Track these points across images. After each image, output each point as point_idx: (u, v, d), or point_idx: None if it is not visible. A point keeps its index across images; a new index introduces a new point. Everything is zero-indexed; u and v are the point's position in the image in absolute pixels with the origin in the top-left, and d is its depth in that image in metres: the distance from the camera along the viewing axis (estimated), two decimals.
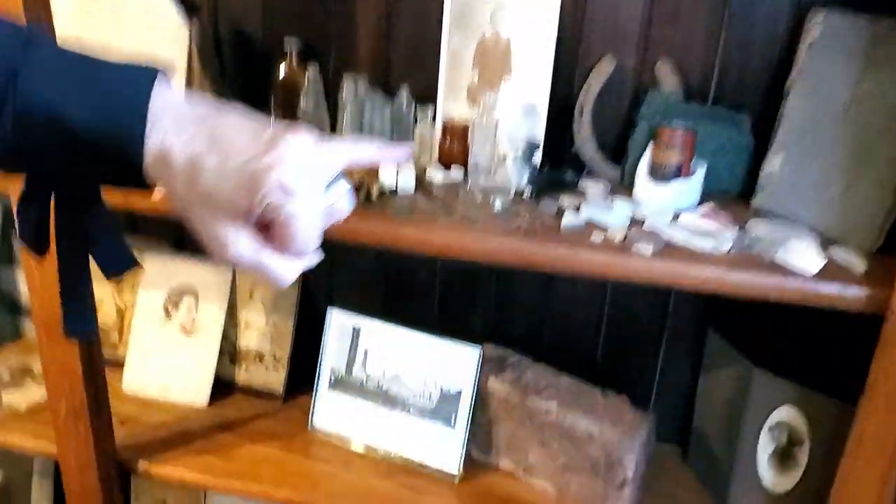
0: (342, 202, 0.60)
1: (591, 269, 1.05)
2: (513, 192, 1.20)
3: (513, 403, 1.36)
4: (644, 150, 1.22)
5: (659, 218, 1.13)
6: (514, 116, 1.26)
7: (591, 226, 1.11)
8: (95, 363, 1.29)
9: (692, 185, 1.19)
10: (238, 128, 0.57)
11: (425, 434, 1.40)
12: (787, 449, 1.26)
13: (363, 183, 1.16)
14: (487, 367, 1.40)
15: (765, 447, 1.27)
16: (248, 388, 1.59)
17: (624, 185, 1.28)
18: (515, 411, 1.36)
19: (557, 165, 1.31)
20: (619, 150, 1.32)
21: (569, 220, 1.10)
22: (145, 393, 1.56)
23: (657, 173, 1.18)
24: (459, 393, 1.37)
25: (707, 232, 1.10)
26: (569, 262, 1.05)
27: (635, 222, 1.13)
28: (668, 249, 1.05)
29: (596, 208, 1.13)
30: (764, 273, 1.00)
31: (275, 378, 1.57)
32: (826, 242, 1.09)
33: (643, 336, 1.50)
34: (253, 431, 1.49)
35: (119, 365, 1.59)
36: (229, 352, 1.59)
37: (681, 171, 1.17)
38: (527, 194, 1.21)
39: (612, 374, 1.52)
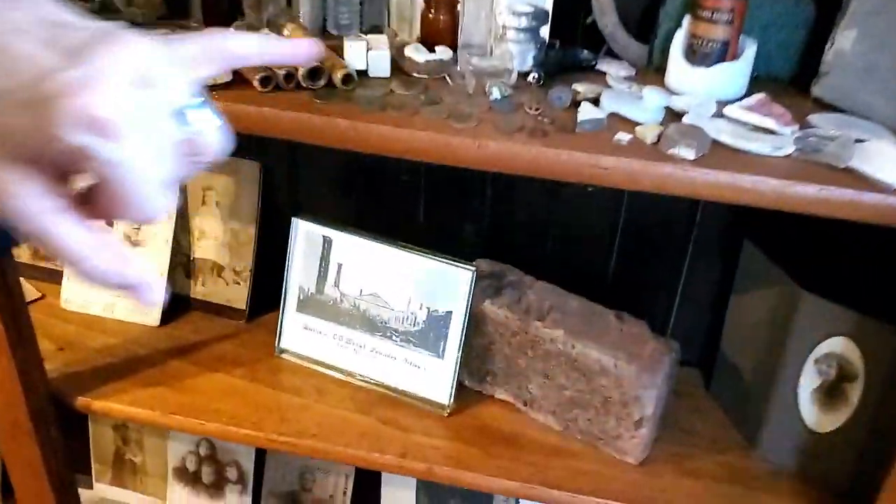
0: (208, 134, 0.40)
1: (617, 179, 0.83)
2: (514, 76, 0.96)
3: (512, 330, 1.16)
4: (679, 23, 0.98)
5: (700, 111, 0.89)
6: None
7: (614, 121, 0.88)
8: (13, 291, 1.07)
9: (740, 70, 0.95)
10: (29, 25, 0.36)
11: (410, 361, 1.21)
12: (836, 384, 1.06)
13: (323, 66, 0.91)
14: (482, 287, 1.19)
15: (809, 381, 1.08)
16: (207, 305, 1.38)
17: (652, 69, 1.04)
18: (515, 339, 1.16)
19: (570, 42, 1.05)
20: (647, 23, 1.06)
21: (587, 114, 0.86)
22: (88, 310, 1.36)
23: (696, 54, 0.94)
24: (449, 315, 1.17)
25: (760, 130, 0.87)
26: (587, 171, 0.83)
27: (670, 117, 0.89)
28: (714, 153, 0.83)
29: (621, 99, 0.90)
30: (834, 185, 0.79)
31: (236, 293, 1.37)
32: None
33: (665, 246, 1.28)
34: (211, 356, 1.29)
35: (58, 278, 1.38)
36: (183, 264, 1.38)
37: (726, 52, 0.93)
38: (532, 79, 0.96)
39: (627, 289, 1.32)
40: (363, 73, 0.96)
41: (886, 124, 0.89)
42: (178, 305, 1.38)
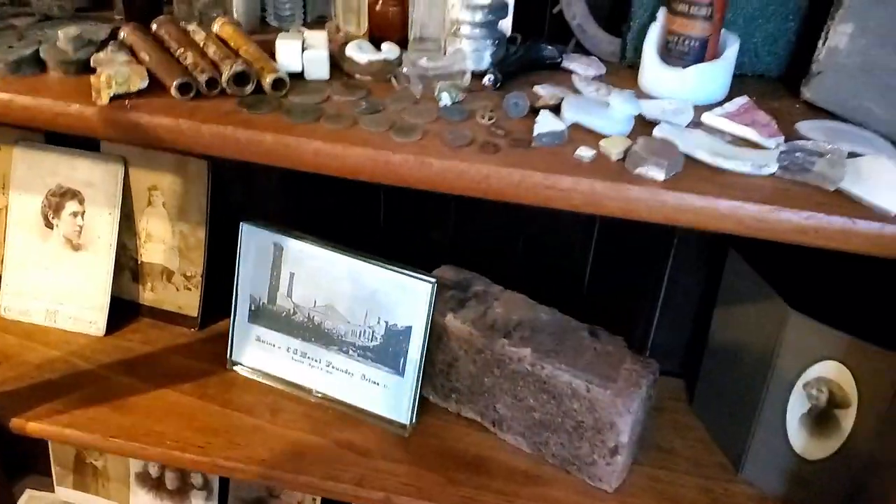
0: None
1: (577, 202, 0.73)
2: (468, 78, 0.86)
3: (476, 347, 1.06)
4: (653, 15, 0.87)
5: (674, 119, 0.79)
6: None
7: (577, 132, 0.78)
8: None
9: (720, 71, 0.84)
10: None
11: (368, 377, 1.12)
12: (827, 410, 0.97)
13: (250, 70, 0.81)
14: (445, 298, 1.10)
15: (798, 406, 0.99)
16: (157, 312, 1.29)
17: (625, 66, 0.93)
18: (479, 356, 1.07)
19: (535, 35, 0.94)
20: (619, 14, 0.95)
21: (545, 125, 0.76)
22: (29, 319, 1.27)
23: (671, 53, 0.84)
24: (409, 330, 1.07)
25: (742, 142, 0.77)
26: (543, 192, 0.73)
27: (640, 127, 0.79)
28: (688, 172, 0.73)
29: (584, 106, 0.79)
30: (823, 211, 0.69)
31: (187, 300, 1.27)
32: None
33: (645, 248, 1.18)
34: (159, 370, 1.20)
35: None
36: (130, 268, 1.28)
37: (705, 51, 0.82)
38: (488, 82, 0.86)
39: (606, 292, 1.22)
40: (299, 76, 0.85)
41: (886, 133, 0.79)
42: (126, 312, 1.29)
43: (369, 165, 0.75)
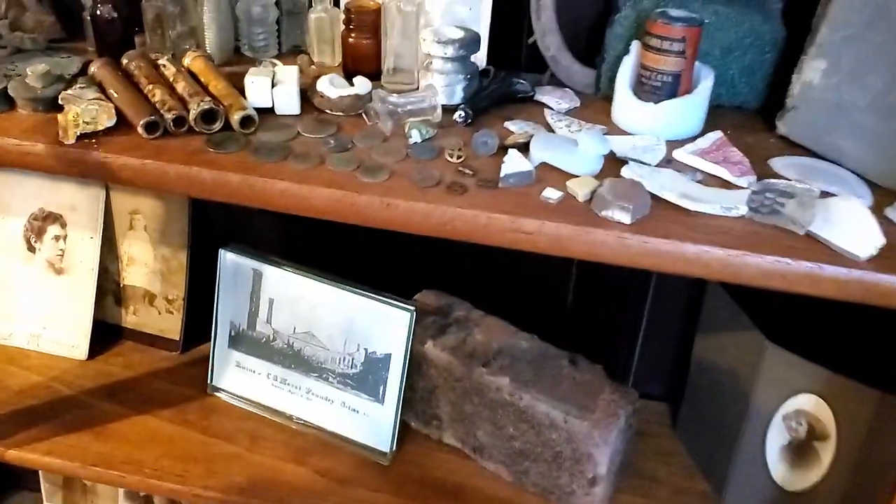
0: None
1: (542, 245, 0.72)
2: (439, 113, 0.85)
3: (455, 376, 1.06)
4: (627, 47, 0.86)
5: (645, 157, 0.78)
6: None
7: (545, 172, 0.77)
8: None
9: (693, 106, 0.83)
10: None
11: (348, 405, 1.11)
12: (807, 443, 0.96)
13: (218, 107, 0.80)
14: (425, 325, 1.09)
15: (777, 437, 0.98)
16: (139, 335, 1.29)
17: (600, 98, 0.92)
18: (459, 384, 1.06)
19: (512, 65, 0.93)
20: (595, 45, 0.94)
21: (513, 166, 0.75)
22: (11, 342, 1.26)
23: (644, 87, 0.83)
24: (388, 357, 1.07)
25: (714, 180, 0.76)
26: (509, 236, 0.72)
27: (610, 165, 0.78)
28: (657, 213, 0.72)
29: (553, 145, 0.78)
30: (791, 256, 0.68)
31: (169, 323, 1.27)
32: (883, 197, 0.75)
33: (627, 275, 1.17)
34: (140, 396, 1.19)
35: None
36: (113, 291, 1.28)
37: (678, 86, 0.81)
38: (458, 118, 0.85)
39: (588, 319, 1.21)
40: (270, 110, 0.85)
41: (858, 171, 0.78)
42: (108, 334, 1.28)
43: (335, 207, 0.74)
